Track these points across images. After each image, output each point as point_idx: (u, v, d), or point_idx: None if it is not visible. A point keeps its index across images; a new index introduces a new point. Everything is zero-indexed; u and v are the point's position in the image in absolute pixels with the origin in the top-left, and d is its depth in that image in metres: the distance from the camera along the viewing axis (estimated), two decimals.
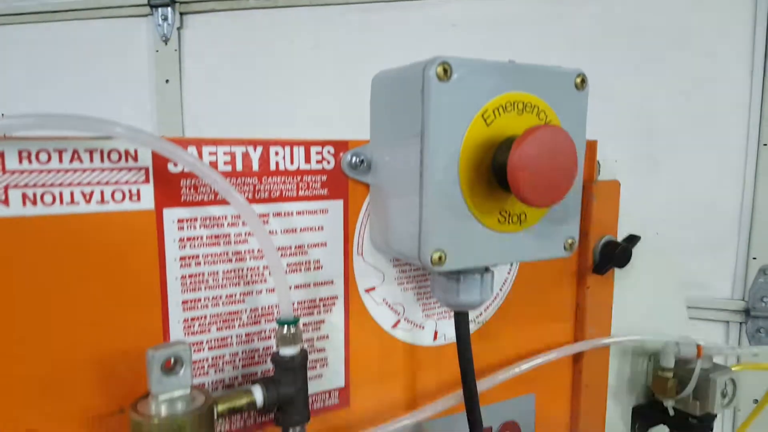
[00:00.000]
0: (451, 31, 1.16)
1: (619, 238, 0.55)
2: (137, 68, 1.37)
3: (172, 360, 0.31)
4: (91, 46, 1.39)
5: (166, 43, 1.37)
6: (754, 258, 1.52)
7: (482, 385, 0.46)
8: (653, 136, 1.28)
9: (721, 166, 1.50)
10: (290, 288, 0.40)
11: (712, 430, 0.58)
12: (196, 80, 1.34)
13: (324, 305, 0.41)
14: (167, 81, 1.36)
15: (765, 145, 1.48)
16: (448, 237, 0.35)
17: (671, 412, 0.58)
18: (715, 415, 0.57)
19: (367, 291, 0.43)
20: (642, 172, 1.22)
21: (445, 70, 0.34)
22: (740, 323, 1.21)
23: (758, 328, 1.30)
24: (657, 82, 1.22)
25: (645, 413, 0.61)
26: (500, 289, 0.50)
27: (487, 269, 0.40)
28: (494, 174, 0.36)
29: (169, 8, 1.31)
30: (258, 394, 0.35)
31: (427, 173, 0.34)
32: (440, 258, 0.35)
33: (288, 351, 0.36)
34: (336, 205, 0.40)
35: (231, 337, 0.38)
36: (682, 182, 1.36)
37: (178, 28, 1.35)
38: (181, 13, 1.32)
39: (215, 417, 0.34)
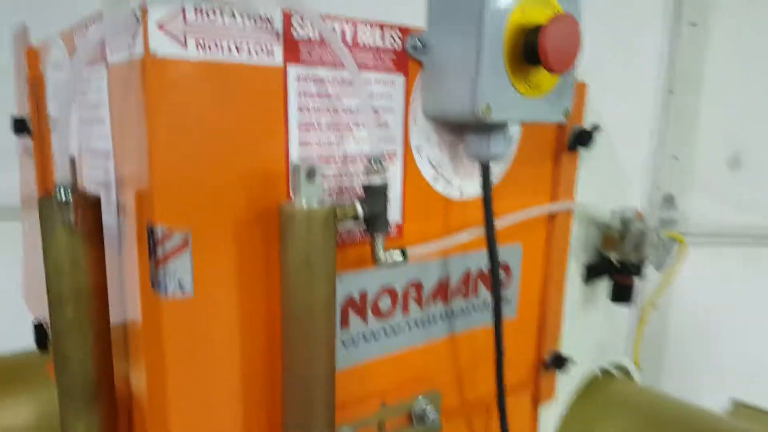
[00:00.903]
0: None
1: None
2: None
3: (312, 168, 0.43)
4: None
5: None
6: (659, 188, 1.81)
7: None
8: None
9: (635, 109, 1.75)
10: (365, 141, 0.52)
11: (642, 274, 0.78)
12: None
13: (389, 157, 0.54)
14: None
15: (671, 92, 1.74)
16: (493, 95, 0.49)
17: (615, 263, 0.77)
18: (645, 260, 0.76)
19: (418, 150, 0.56)
20: None
21: None
22: None
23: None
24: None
25: (594, 267, 0.79)
26: (502, 165, 0.64)
27: (506, 133, 0.54)
28: (524, 51, 0.50)
29: None
30: (359, 207, 0.48)
31: (483, 47, 0.48)
32: (488, 110, 0.49)
33: (376, 179, 0.48)
34: (400, 78, 0.53)
35: (329, 175, 0.50)
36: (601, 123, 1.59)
37: None
38: None
39: None
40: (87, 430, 0.49)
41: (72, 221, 0.42)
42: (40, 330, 0.79)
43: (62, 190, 0.41)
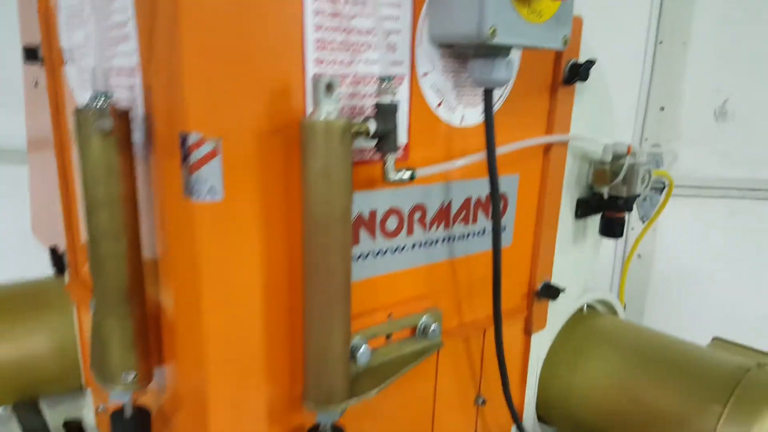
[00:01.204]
0: None
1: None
2: None
3: (331, 82, 0.46)
4: None
5: None
6: (646, 139, 1.85)
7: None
8: None
9: (624, 60, 1.77)
10: (375, 63, 0.54)
11: (632, 209, 0.82)
12: None
13: (396, 81, 0.57)
14: None
15: (660, 42, 1.76)
16: (498, 18, 0.52)
17: (606, 197, 0.82)
18: (637, 196, 0.80)
19: (424, 75, 0.59)
20: None
21: None
22: None
23: (644, 196, 1.61)
24: None
25: (586, 202, 0.84)
26: (501, 95, 0.67)
27: (509, 59, 0.57)
28: None
29: None
30: (372, 124, 0.51)
31: None
32: (493, 32, 0.52)
33: (386, 99, 0.52)
34: (407, 1, 0.55)
35: (341, 95, 0.53)
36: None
37: None
38: None
39: None
40: (122, 331, 0.53)
41: (108, 128, 0.45)
42: (55, 254, 0.82)
43: (100, 99, 0.44)
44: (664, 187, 0.96)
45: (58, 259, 0.83)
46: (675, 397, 0.76)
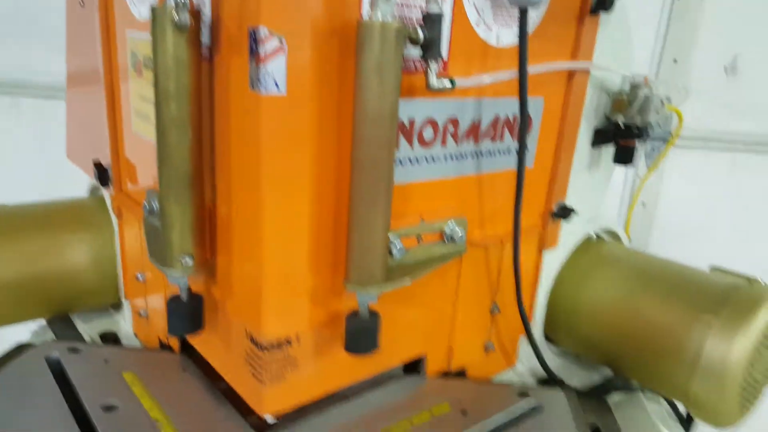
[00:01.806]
0: None
1: None
2: None
3: None
4: None
5: None
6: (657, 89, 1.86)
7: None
8: None
9: (642, 12, 1.78)
10: None
11: (646, 137, 0.87)
12: None
13: None
14: None
15: None
16: None
17: (621, 126, 0.86)
18: (650, 125, 0.85)
19: None
20: None
21: None
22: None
23: (652, 147, 1.65)
24: None
25: (602, 131, 0.89)
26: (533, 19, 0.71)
27: None
28: None
29: None
30: (420, 32, 0.55)
31: None
32: None
33: (434, 8, 0.56)
34: None
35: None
36: None
37: None
38: None
39: None
40: (183, 217, 0.59)
41: (187, 24, 0.49)
42: (100, 168, 0.88)
43: None
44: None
45: (102, 172, 0.89)
46: (672, 309, 0.82)
